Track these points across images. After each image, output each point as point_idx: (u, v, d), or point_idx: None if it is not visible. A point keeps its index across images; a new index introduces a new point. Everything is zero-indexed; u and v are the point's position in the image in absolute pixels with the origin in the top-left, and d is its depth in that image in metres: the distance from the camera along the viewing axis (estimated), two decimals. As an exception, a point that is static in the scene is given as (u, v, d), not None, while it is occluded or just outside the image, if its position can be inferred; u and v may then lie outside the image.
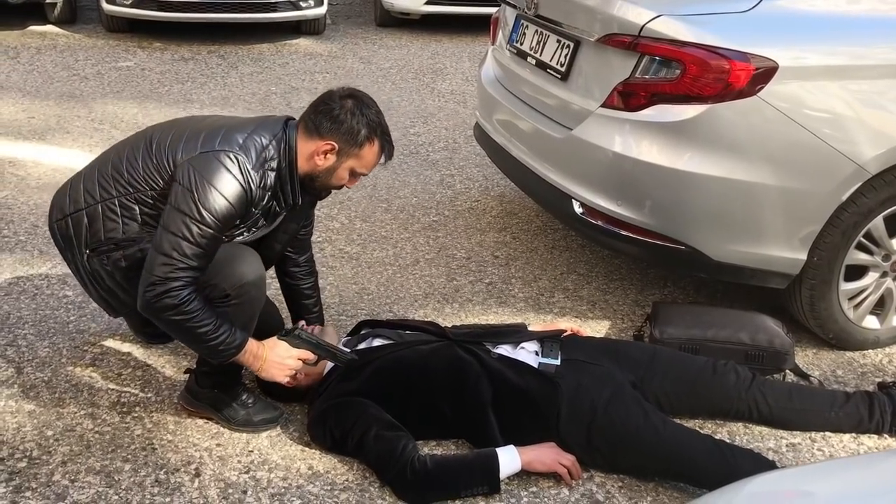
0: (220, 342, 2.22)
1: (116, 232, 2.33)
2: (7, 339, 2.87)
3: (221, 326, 2.23)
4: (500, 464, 2.23)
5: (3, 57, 6.51)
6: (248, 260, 2.33)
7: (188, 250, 2.17)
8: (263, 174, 2.31)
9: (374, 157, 2.41)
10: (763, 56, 2.64)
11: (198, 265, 2.19)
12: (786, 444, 2.53)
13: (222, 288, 2.27)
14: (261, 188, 2.30)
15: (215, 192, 2.20)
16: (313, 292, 2.82)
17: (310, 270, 2.81)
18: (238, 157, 2.25)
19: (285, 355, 2.36)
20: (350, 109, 2.35)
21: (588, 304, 3.32)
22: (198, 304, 2.19)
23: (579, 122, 2.97)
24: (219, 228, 2.22)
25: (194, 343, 2.27)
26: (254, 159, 2.28)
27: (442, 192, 4.39)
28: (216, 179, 2.21)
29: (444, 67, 6.98)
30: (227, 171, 2.23)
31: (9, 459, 2.32)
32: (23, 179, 4.24)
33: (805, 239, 2.80)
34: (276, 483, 2.28)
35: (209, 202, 2.19)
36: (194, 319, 2.18)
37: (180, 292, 2.15)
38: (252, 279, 2.31)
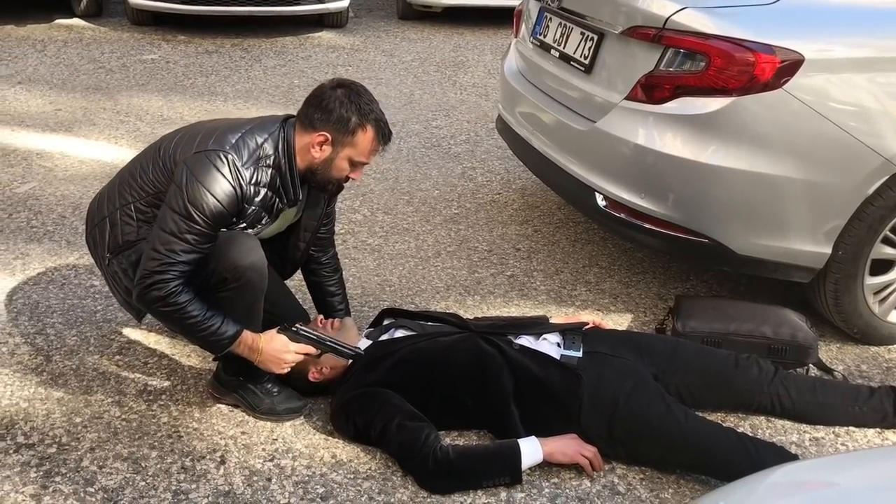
0: (210, 333, 2.29)
1: (132, 234, 2.42)
2: (36, 328, 2.92)
3: (212, 318, 2.29)
4: (522, 455, 2.24)
5: (30, 50, 6.59)
6: (245, 244, 2.35)
7: (175, 246, 2.24)
8: (256, 171, 2.34)
9: (369, 144, 2.42)
10: (788, 48, 2.62)
11: (185, 260, 2.26)
12: (809, 438, 2.52)
13: (219, 273, 2.31)
14: (253, 184, 2.34)
15: (204, 190, 2.27)
16: (338, 289, 2.85)
17: (334, 267, 2.84)
18: (228, 155, 2.31)
19: (282, 349, 2.39)
20: (339, 98, 2.38)
21: (610, 298, 3.32)
22: (186, 296, 2.26)
23: (603, 114, 2.96)
24: (207, 225, 2.27)
25: (187, 334, 2.35)
26: (245, 157, 2.33)
27: (464, 184, 4.40)
28: (205, 178, 2.28)
29: (466, 60, 6.98)
30: (217, 169, 2.29)
31: (39, 445, 2.36)
32: (50, 171, 4.30)
33: (830, 233, 2.78)
34: (300, 471, 2.31)
35: (197, 200, 2.26)
36: (182, 311, 2.26)
37: (166, 285, 2.23)
38: (249, 262, 2.33)
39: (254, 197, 2.36)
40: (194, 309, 2.27)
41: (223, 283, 2.32)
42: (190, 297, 2.27)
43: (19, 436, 2.39)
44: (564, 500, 2.24)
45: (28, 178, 4.20)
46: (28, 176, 4.22)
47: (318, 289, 2.83)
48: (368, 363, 2.47)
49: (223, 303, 2.37)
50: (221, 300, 2.37)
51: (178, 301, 2.25)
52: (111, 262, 2.45)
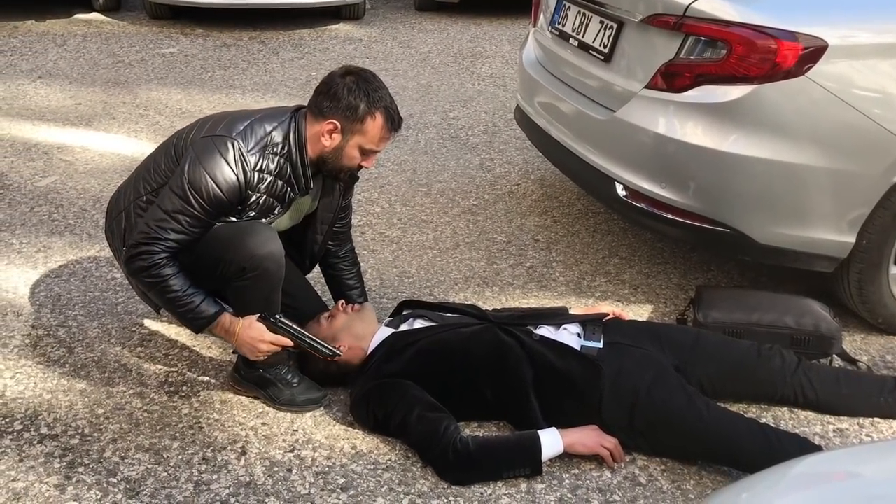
0: (189, 310, 2.34)
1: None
2: (58, 320, 2.94)
3: (193, 296, 2.33)
4: (542, 446, 2.23)
5: (50, 45, 6.63)
6: (261, 234, 2.36)
7: (166, 225, 2.29)
8: (262, 157, 2.34)
9: (378, 131, 2.41)
10: (811, 35, 2.59)
11: (174, 239, 2.30)
12: (833, 429, 2.49)
13: (237, 262, 2.32)
14: (257, 170, 2.34)
15: (205, 174, 2.29)
16: (357, 282, 2.85)
17: (352, 261, 2.85)
18: (234, 142, 2.32)
19: (258, 337, 2.38)
20: (348, 86, 2.37)
21: (630, 288, 3.30)
22: (170, 270, 2.30)
23: (622, 103, 2.94)
24: (203, 210, 2.29)
25: (168, 308, 2.40)
26: (252, 144, 2.34)
27: (482, 175, 4.39)
28: (208, 162, 2.30)
29: (483, 51, 6.95)
30: (221, 155, 2.30)
31: (62, 436, 2.38)
32: (71, 164, 4.33)
33: (854, 222, 2.75)
34: (320, 462, 2.32)
35: (197, 183, 2.28)
36: (163, 284, 2.31)
37: (151, 257, 2.29)
38: (266, 251, 2.33)
39: (258, 184, 2.35)
40: (176, 284, 2.31)
41: (241, 273, 2.33)
42: (174, 271, 2.31)
43: (42, 427, 2.42)
44: (585, 492, 2.23)
45: (49, 171, 4.23)
46: (49, 170, 4.25)
47: (336, 282, 2.84)
48: (388, 353, 2.47)
49: (240, 292, 2.39)
50: (239, 289, 2.38)
51: (161, 273, 2.29)
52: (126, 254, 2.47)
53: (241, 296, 2.40)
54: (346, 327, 2.57)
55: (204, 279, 2.43)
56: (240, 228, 2.36)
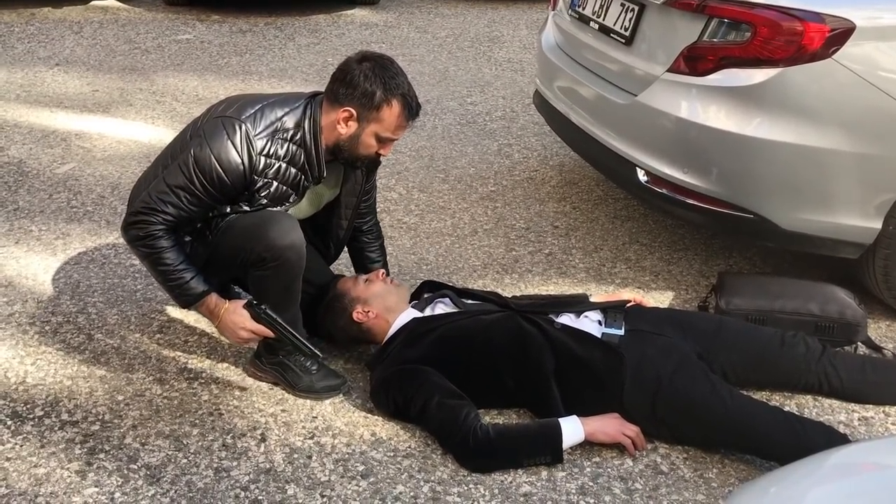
0: (179, 285, 2.34)
1: None
2: (78, 307, 2.95)
3: (184, 271, 2.33)
4: (563, 434, 2.22)
5: (67, 32, 6.64)
6: (283, 224, 2.34)
7: (166, 198, 2.30)
8: (271, 143, 2.32)
9: (395, 119, 2.36)
10: (838, 16, 2.54)
11: (171, 213, 2.30)
12: (858, 417, 2.46)
13: (257, 252, 2.31)
14: (265, 155, 2.31)
15: (210, 154, 2.28)
16: (379, 256, 2.84)
17: (376, 234, 2.83)
18: (243, 125, 2.30)
19: (240, 324, 2.38)
20: (364, 72, 2.33)
21: (651, 275, 3.26)
22: (165, 243, 2.31)
23: (644, 87, 2.90)
24: (204, 189, 2.29)
25: (158, 279, 2.40)
26: (260, 127, 2.31)
27: (500, 161, 4.36)
28: (214, 143, 2.29)
29: (500, 35, 6.89)
30: (228, 137, 2.29)
31: (83, 423, 2.39)
32: (89, 151, 4.33)
33: (880, 207, 2.70)
34: (339, 449, 2.31)
35: (202, 162, 2.28)
36: (157, 255, 2.31)
37: (148, 227, 2.30)
38: (288, 242, 2.32)
39: (265, 169, 2.33)
40: (170, 257, 2.31)
41: (262, 263, 2.32)
42: (169, 244, 2.31)
43: (63, 413, 2.42)
44: (606, 480, 2.21)
45: (67, 158, 4.24)
46: (67, 157, 4.26)
47: (359, 255, 2.82)
48: (408, 338, 2.46)
49: (260, 281, 2.38)
50: (258, 278, 2.37)
51: (156, 245, 2.30)
52: None
53: (260, 284, 2.39)
54: (381, 296, 2.57)
55: (225, 267, 2.43)
56: (261, 218, 2.35)
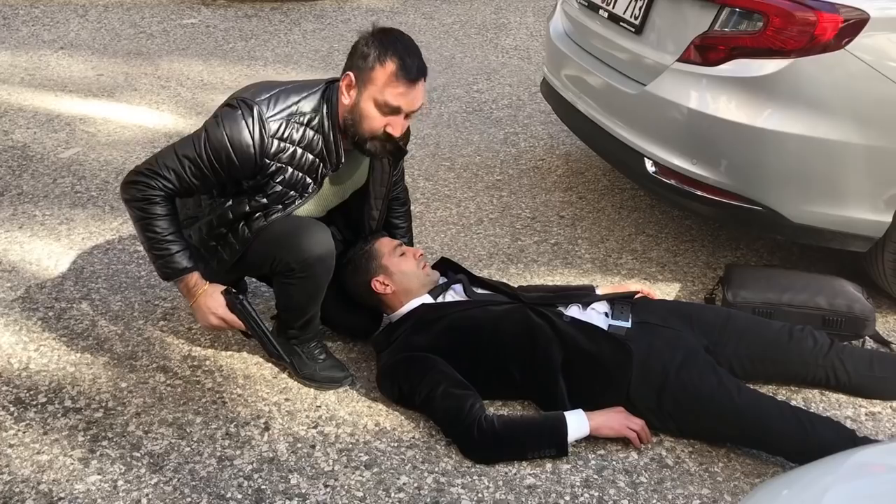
0: (163, 255, 2.28)
1: (190, 208, 2.41)
2: (82, 293, 2.94)
3: (172, 243, 2.27)
4: (569, 428, 2.20)
5: (72, 15, 6.60)
6: (315, 236, 2.32)
7: (169, 163, 2.26)
8: (286, 126, 2.28)
9: (387, 78, 2.23)
10: (853, 7, 2.50)
11: (172, 181, 2.25)
12: (865, 412, 2.44)
13: (286, 262, 2.29)
14: (278, 138, 2.27)
15: (223, 131, 2.25)
16: (403, 221, 2.81)
17: (402, 200, 2.80)
18: (255, 107, 2.26)
19: (213, 309, 2.33)
20: (365, 38, 2.30)
21: (657, 266, 3.24)
22: (160, 210, 2.25)
23: (654, 77, 2.87)
24: (211, 165, 2.25)
25: (144, 245, 2.32)
26: (275, 110, 2.28)
27: (506, 150, 4.33)
28: (228, 122, 2.26)
29: (507, 22, 6.85)
30: (242, 118, 2.26)
31: (86, 409, 2.38)
32: (93, 136, 4.31)
33: (890, 200, 2.67)
34: (343, 438, 2.30)
35: (213, 136, 2.25)
36: (149, 220, 2.25)
37: (146, 189, 2.25)
38: (318, 254, 2.30)
39: (278, 153, 2.28)
40: (161, 225, 2.26)
41: (289, 272, 2.31)
42: (164, 212, 2.26)
43: (66, 400, 2.42)
44: (611, 473, 2.20)
45: (72, 143, 4.22)
46: (72, 141, 4.24)
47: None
48: (416, 324, 2.44)
49: (285, 288, 2.37)
50: (285, 285, 2.36)
51: (150, 210, 2.25)
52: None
53: (285, 290, 2.38)
54: (407, 276, 2.52)
55: (252, 269, 2.44)
56: (294, 227, 2.33)
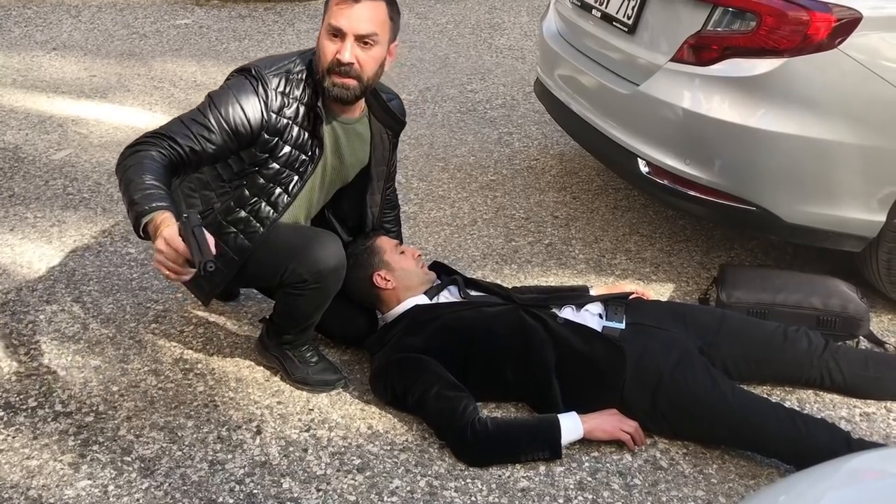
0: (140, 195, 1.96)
1: (195, 206, 2.38)
2: (73, 296, 2.92)
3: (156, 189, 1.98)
4: (562, 430, 2.19)
5: (65, 16, 6.58)
6: (329, 246, 2.30)
7: (175, 127, 2.16)
8: (286, 82, 2.26)
9: (332, 2, 2.22)
10: (846, 6, 2.50)
11: (177, 141, 2.13)
12: (860, 413, 2.44)
13: (299, 273, 2.27)
14: (281, 93, 2.25)
15: (229, 91, 2.24)
16: (394, 226, 2.81)
17: (393, 204, 2.80)
18: (255, 67, 2.26)
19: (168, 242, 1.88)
20: None
21: (651, 267, 3.23)
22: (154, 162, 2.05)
23: (647, 77, 2.86)
24: (219, 123, 2.18)
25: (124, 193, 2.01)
26: (273, 68, 2.26)
27: (500, 150, 4.32)
28: (232, 83, 2.26)
29: (501, 22, 6.84)
30: (246, 79, 2.25)
31: (77, 413, 2.36)
32: (85, 137, 4.29)
33: (884, 200, 2.67)
34: (336, 442, 2.29)
35: (218, 97, 2.23)
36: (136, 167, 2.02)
37: (148, 149, 2.08)
38: (333, 266, 2.29)
39: (283, 107, 2.26)
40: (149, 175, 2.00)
41: (302, 283, 2.29)
42: (159, 163, 2.06)
43: (57, 404, 2.40)
44: (605, 475, 2.19)
45: (64, 144, 4.20)
46: (64, 143, 4.22)
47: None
48: (410, 325, 2.43)
49: (293, 298, 2.33)
50: (292, 296, 2.33)
51: (145, 156, 2.05)
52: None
53: (292, 301, 2.35)
54: (408, 273, 2.54)
55: (257, 280, 2.42)
56: (306, 237, 2.32)
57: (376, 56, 2.27)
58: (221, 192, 2.36)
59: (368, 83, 2.30)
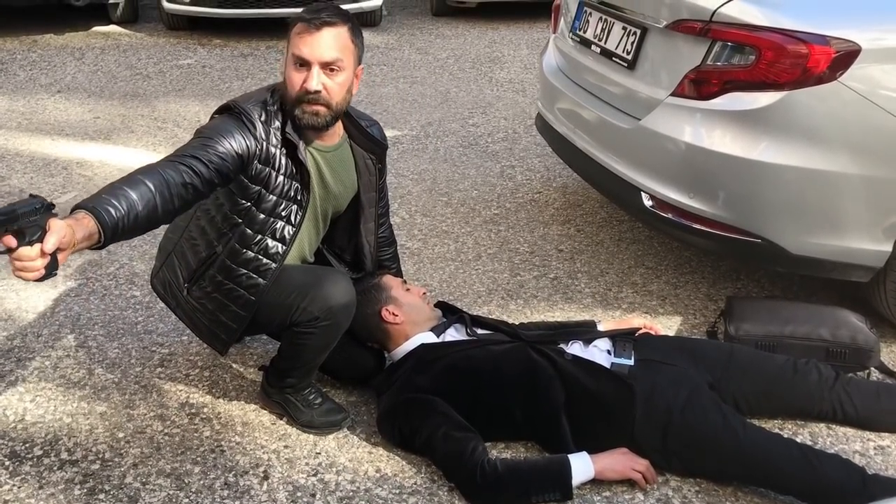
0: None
1: (203, 249, 2.37)
2: (78, 341, 2.91)
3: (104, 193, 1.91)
4: (573, 471, 2.17)
5: (69, 58, 6.65)
6: (338, 282, 2.31)
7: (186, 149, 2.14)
8: (263, 111, 2.25)
9: (294, 34, 2.24)
10: (843, 38, 2.51)
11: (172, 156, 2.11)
12: (874, 446, 2.41)
13: (310, 311, 2.27)
14: (262, 122, 2.24)
15: (214, 123, 2.23)
16: (392, 263, 2.80)
17: (389, 241, 2.79)
18: (233, 103, 2.26)
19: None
20: None
21: (658, 299, 3.22)
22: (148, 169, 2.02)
23: (648, 111, 2.87)
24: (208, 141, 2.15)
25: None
26: (248, 100, 2.27)
27: (503, 184, 4.33)
28: (218, 119, 2.25)
29: (501, 56, 6.89)
30: (227, 113, 2.25)
31: (82, 461, 2.35)
32: (90, 180, 4.31)
33: (890, 229, 2.66)
34: (343, 486, 2.26)
35: (205, 126, 2.23)
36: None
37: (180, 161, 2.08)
38: (343, 302, 2.29)
39: (268, 136, 2.24)
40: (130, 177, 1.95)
41: (313, 321, 2.28)
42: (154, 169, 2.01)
43: (63, 452, 2.38)
44: (617, 515, 2.16)
45: (68, 187, 4.22)
46: (68, 185, 4.24)
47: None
48: (416, 364, 2.42)
49: (302, 337, 2.32)
50: (302, 335, 2.31)
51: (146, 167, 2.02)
52: (191, 290, 2.39)
53: (302, 341, 2.33)
54: (415, 308, 2.55)
55: (272, 324, 2.40)
56: (315, 275, 2.32)
57: (343, 82, 2.29)
58: (220, 235, 2.35)
59: (338, 108, 2.32)
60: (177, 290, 2.44)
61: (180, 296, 2.43)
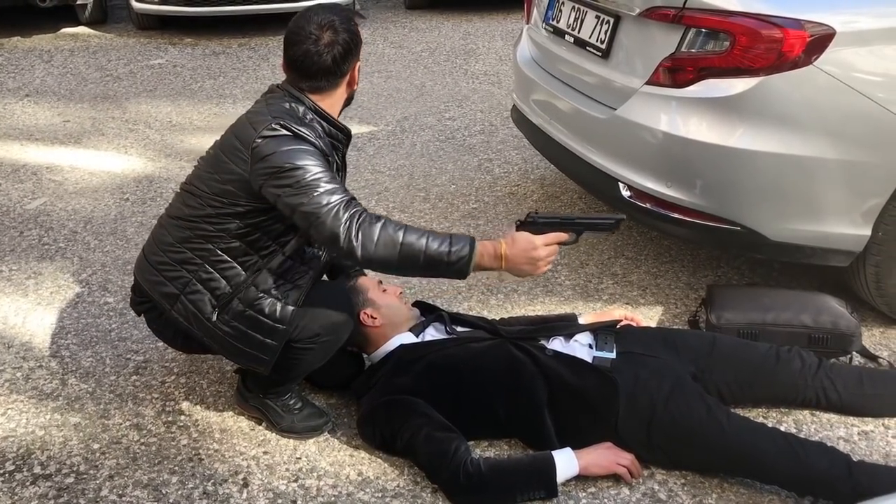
0: (442, 256, 2.05)
1: (236, 275, 2.24)
2: (51, 350, 2.85)
3: (436, 238, 2.06)
4: (557, 468, 2.14)
5: (37, 61, 6.53)
6: (338, 298, 2.34)
7: (326, 187, 2.06)
8: (302, 125, 2.17)
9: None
10: (817, 22, 2.49)
11: (342, 188, 2.10)
12: (857, 432, 2.40)
13: (311, 328, 2.25)
14: (318, 138, 2.18)
15: (291, 149, 2.10)
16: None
17: None
18: (280, 121, 2.14)
19: (529, 247, 2.11)
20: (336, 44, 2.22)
21: (639, 290, 3.20)
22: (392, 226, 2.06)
23: (623, 100, 2.84)
24: (318, 161, 2.10)
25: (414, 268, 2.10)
26: (290, 119, 2.17)
27: (481, 177, 4.29)
28: (284, 143, 2.11)
29: (476, 48, 6.85)
30: (285, 131, 2.13)
31: (56, 475, 2.29)
32: (60, 185, 4.23)
33: (868, 213, 2.65)
34: (325, 491, 2.22)
35: (294, 155, 2.09)
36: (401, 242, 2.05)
37: (361, 216, 2.06)
38: (345, 318, 2.30)
39: (326, 147, 2.21)
40: (410, 235, 2.06)
41: (314, 337, 2.25)
42: (397, 227, 2.07)
43: (36, 466, 2.32)
44: (603, 511, 2.14)
45: (38, 193, 4.14)
46: (38, 191, 4.16)
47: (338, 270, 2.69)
48: (396, 366, 2.38)
49: (301, 353, 2.28)
50: (301, 351, 2.27)
51: (388, 230, 2.05)
52: (221, 316, 2.23)
53: (299, 355, 2.28)
54: (393, 310, 2.51)
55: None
56: (316, 294, 2.30)
57: None
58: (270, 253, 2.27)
59: None
60: (203, 321, 2.25)
61: (207, 323, 2.25)
